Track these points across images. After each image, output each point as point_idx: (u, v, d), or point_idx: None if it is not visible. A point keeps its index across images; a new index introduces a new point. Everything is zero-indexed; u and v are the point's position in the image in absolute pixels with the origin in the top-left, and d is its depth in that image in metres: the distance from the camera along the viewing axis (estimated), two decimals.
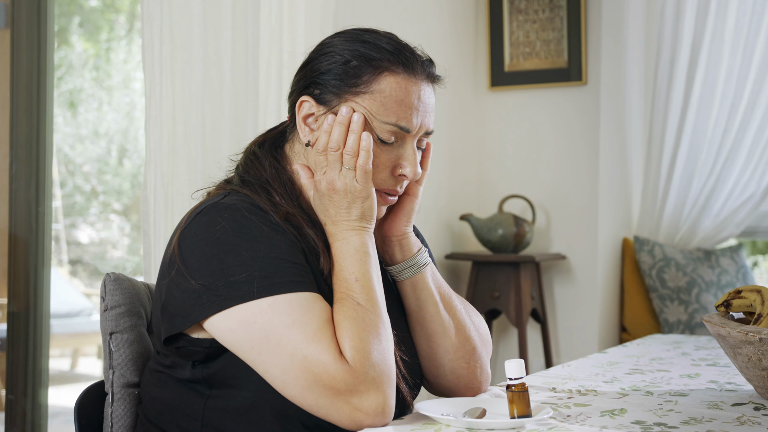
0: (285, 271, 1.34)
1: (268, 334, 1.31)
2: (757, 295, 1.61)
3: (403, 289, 1.57)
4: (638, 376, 1.78)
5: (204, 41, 2.59)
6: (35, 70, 2.81)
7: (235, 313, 1.32)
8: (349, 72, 1.44)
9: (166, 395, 1.45)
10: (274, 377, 1.32)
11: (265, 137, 1.57)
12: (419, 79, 1.46)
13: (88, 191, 6.88)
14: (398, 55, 1.45)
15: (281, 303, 1.32)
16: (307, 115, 1.47)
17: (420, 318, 1.56)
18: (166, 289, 1.41)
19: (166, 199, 2.52)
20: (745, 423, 1.38)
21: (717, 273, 3.80)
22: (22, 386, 2.77)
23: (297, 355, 1.30)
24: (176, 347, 1.42)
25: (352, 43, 1.47)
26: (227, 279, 1.33)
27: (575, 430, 1.31)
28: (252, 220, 1.38)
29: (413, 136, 1.47)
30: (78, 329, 6.21)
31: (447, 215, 3.85)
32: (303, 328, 1.31)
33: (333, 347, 1.31)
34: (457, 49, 3.86)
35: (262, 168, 1.50)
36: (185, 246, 1.39)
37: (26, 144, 2.80)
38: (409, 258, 1.56)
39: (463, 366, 1.57)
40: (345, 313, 1.35)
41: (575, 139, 3.81)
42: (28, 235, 2.80)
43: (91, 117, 6.77)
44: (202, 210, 1.42)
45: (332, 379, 1.29)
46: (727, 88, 3.76)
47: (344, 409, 1.30)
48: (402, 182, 1.49)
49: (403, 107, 1.44)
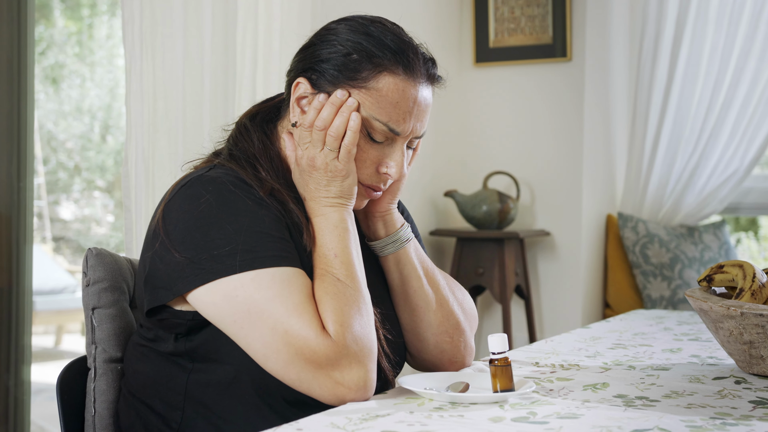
0: (268, 245, 1.34)
1: (250, 307, 1.31)
2: (739, 269, 1.62)
3: (386, 265, 1.57)
4: (621, 350, 1.79)
5: (184, 16, 2.57)
6: (15, 45, 2.78)
7: (217, 287, 1.32)
8: (348, 65, 1.43)
9: (148, 369, 1.45)
10: (256, 351, 1.32)
11: (258, 108, 1.57)
12: (418, 82, 1.45)
13: (72, 168, 6.84)
14: (400, 55, 1.43)
15: (263, 277, 1.32)
16: (302, 97, 1.47)
17: (403, 293, 1.56)
18: (149, 261, 1.40)
19: (147, 175, 2.50)
20: (725, 396, 1.38)
21: (700, 249, 3.82)
22: (5, 363, 2.76)
23: (278, 329, 1.30)
24: (159, 319, 1.42)
25: (357, 34, 1.45)
26: (210, 252, 1.33)
27: (558, 403, 1.31)
28: (236, 194, 1.38)
29: (403, 139, 1.46)
30: (62, 306, 6.20)
31: (431, 192, 3.85)
32: (284, 302, 1.31)
33: (315, 321, 1.31)
34: (441, 25, 3.85)
35: (250, 142, 1.50)
36: (169, 218, 1.38)
37: (7, 120, 2.77)
38: (392, 233, 1.56)
39: (446, 340, 1.57)
40: (325, 289, 1.35)
41: (560, 115, 3.81)
42: (9, 211, 2.78)
43: (74, 93, 6.72)
44: (186, 182, 1.41)
45: (313, 353, 1.29)
46: (711, 65, 3.77)
47: (326, 383, 1.30)
48: (386, 180, 1.49)
49: (397, 110, 1.43)
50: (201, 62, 2.61)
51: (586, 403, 1.32)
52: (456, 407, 1.29)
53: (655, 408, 1.30)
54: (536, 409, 1.28)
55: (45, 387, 4.57)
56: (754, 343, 1.51)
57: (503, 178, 3.88)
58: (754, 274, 1.58)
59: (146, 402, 1.45)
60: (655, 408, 1.30)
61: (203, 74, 2.61)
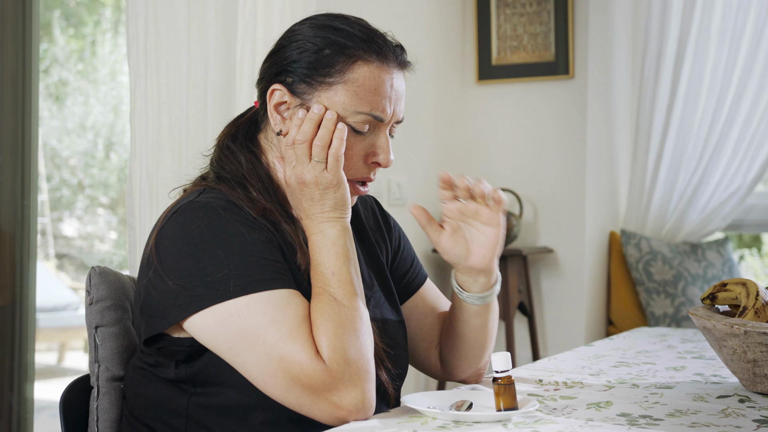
0: (261, 268, 1.33)
1: (245, 333, 1.30)
2: (743, 287, 1.61)
3: (460, 306, 1.60)
4: (624, 368, 1.79)
5: (188, 33, 2.58)
6: (20, 63, 2.79)
7: (212, 313, 1.32)
8: (321, 61, 1.43)
9: (150, 392, 1.45)
10: (254, 377, 1.32)
11: (236, 128, 1.54)
12: (391, 67, 1.46)
13: (75, 185, 6.85)
14: (371, 43, 1.44)
15: (258, 302, 1.31)
16: (279, 104, 1.46)
17: (465, 332, 1.62)
18: (144, 290, 1.40)
19: (152, 193, 2.51)
20: (729, 415, 1.38)
21: (703, 266, 3.81)
22: (8, 380, 2.76)
23: (274, 354, 1.30)
24: (157, 347, 1.41)
25: (323, 30, 1.45)
26: (203, 279, 1.32)
27: (561, 422, 1.31)
28: (227, 218, 1.37)
29: (386, 125, 1.47)
30: (65, 323, 6.19)
31: (434, 209, 3.85)
32: (279, 327, 1.30)
33: (309, 346, 1.30)
34: (444, 43, 3.86)
35: (238, 163, 1.48)
36: (162, 246, 1.38)
37: (11, 137, 2.78)
38: (488, 289, 1.59)
39: (482, 363, 1.68)
40: (321, 310, 1.34)
41: (562, 132, 3.81)
42: (13, 228, 2.78)
43: (78, 110, 6.74)
44: (177, 209, 1.40)
45: (309, 379, 1.29)
46: (714, 82, 3.77)
47: (324, 407, 1.30)
48: (375, 170, 1.49)
49: (377, 96, 1.43)
50: (205, 80, 2.62)
51: (589, 422, 1.31)
52: (459, 426, 1.28)
53: (659, 427, 1.29)
54: (540, 428, 1.27)
55: (48, 404, 4.56)
56: (758, 361, 1.51)
57: (506, 195, 3.87)
58: (757, 293, 1.58)
59: (149, 424, 1.45)
60: (658, 427, 1.29)
61: (207, 92, 2.62)
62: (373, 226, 1.68)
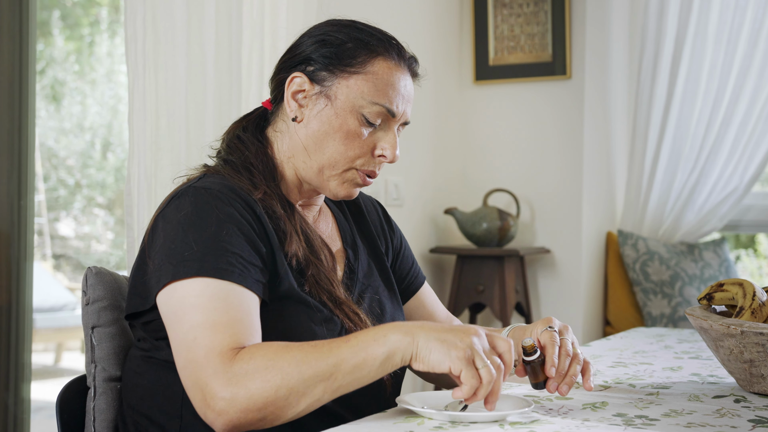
0: (218, 257, 1.35)
1: (177, 310, 1.33)
2: (739, 288, 1.62)
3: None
4: (621, 369, 1.79)
5: (187, 34, 2.58)
6: (16, 63, 2.79)
7: (164, 291, 1.35)
8: (345, 52, 1.50)
9: (146, 381, 1.47)
10: (175, 355, 1.34)
11: (246, 122, 1.60)
12: (406, 70, 1.54)
13: (72, 185, 6.84)
14: (389, 44, 1.52)
15: (197, 285, 1.33)
16: (297, 91, 1.52)
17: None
18: (134, 270, 1.45)
19: (150, 193, 2.51)
20: (725, 415, 1.38)
21: (700, 267, 3.81)
22: (5, 381, 2.76)
23: (189, 334, 1.31)
24: (143, 323, 1.45)
25: (346, 27, 1.53)
26: (171, 258, 1.36)
27: (557, 422, 1.31)
28: (211, 205, 1.39)
29: (396, 121, 1.53)
30: (62, 324, 6.19)
31: (431, 209, 3.85)
32: (207, 315, 1.31)
33: (226, 343, 1.29)
34: (441, 43, 3.86)
35: (246, 149, 1.53)
36: (156, 228, 1.43)
37: (8, 137, 2.78)
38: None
39: None
40: (288, 358, 1.26)
41: (559, 133, 3.82)
42: (10, 229, 2.78)
43: (75, 110, 6.73)
44: (177, 193, 1.44)
45: (201, 370, 1.28)
46: (711, 83, 3.78)
47: (197, 396, 1.29)
48: (380, 164, 1.54)
49: (393, 91, 1.50)
50: (204, 80, 2.62)
51: (585, 422, 1.32)
52: (456, 426, 1.29)
53: (655, 427, 1.30)
54: (536, 428, 1.27)
55: (45, 405, 4.56)
56: (755, 361, 1.51)
57: (503, 196, 3.88)
58: (754, 293, 1.59)
59: (145, 414, 1.46)
60: (654, 427, 1.30)
61: (206, 92, 2.62)
62: (376, 223, 1.74)
